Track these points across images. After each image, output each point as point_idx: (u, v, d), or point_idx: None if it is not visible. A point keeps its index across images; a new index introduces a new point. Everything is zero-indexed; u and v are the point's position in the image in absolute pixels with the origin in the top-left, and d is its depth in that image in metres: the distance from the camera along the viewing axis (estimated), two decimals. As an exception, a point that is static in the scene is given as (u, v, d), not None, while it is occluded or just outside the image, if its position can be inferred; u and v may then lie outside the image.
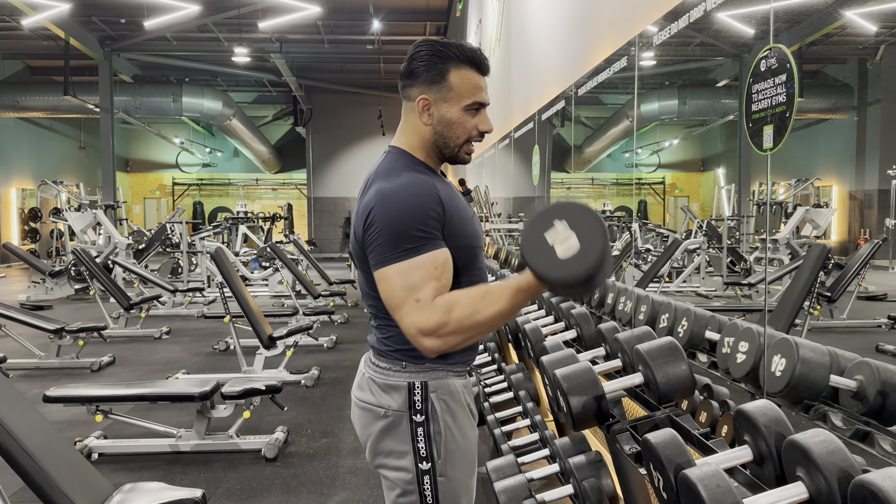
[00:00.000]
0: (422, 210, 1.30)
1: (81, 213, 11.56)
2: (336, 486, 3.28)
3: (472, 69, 1.39)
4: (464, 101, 1.39)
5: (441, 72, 1.38)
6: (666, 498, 1.15)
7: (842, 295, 5.24)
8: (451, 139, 1.41)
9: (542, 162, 5.98)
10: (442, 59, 1.37)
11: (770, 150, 1.82)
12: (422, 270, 1.28)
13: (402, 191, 1.32)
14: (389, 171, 1.39)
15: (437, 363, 1.39)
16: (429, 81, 1.38)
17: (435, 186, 1.35)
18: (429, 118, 1.40)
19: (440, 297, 1.27)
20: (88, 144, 19.18)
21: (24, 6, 10.44)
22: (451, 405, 1.40)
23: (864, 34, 4.40)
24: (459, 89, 1.38)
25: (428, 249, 1.29)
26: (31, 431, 2.09)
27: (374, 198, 1.33)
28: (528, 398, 2.67)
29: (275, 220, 15.50)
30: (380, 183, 1.36)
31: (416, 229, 1.29)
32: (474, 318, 1.26)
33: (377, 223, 1.30)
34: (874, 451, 1.32)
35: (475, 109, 1.41)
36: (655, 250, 9.54)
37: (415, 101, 1.40)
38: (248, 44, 13.80)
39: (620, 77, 3.66)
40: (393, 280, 1.29)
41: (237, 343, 5.22)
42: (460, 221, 1.37)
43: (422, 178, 1.36)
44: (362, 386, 1.46)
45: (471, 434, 1.44)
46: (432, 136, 1.42)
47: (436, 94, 1.39)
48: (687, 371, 1.43)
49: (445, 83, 1.38)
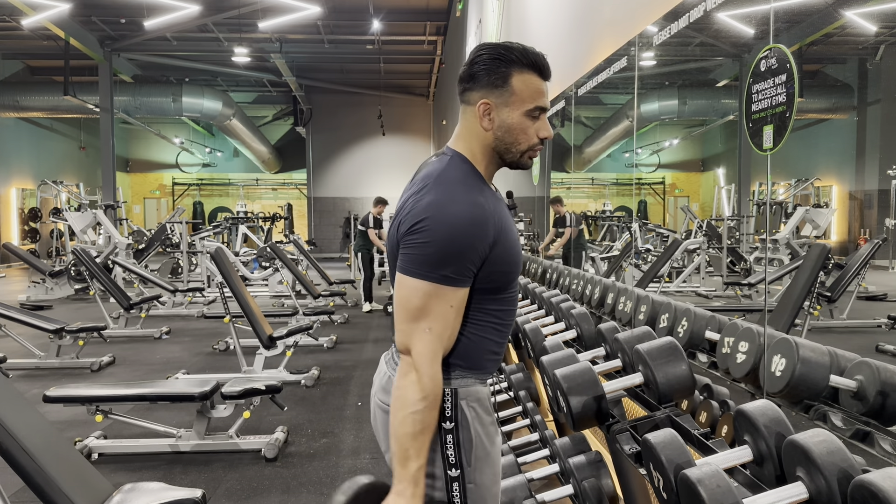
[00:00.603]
0: (470, 245, 1.28)
1: (81, 213, 11.57)
2: (336, 486, 3.27)
3: (534, 73, 1.37)
4: (525, 105, 1.36)
5: (503, 76, 1.34)
6: (666, 498, 1.15)
7: (842, 295, 5.24)
8: (513, 145, 1.39)
9: (542, 162, 5.97)
10: (504, 63, 1.35)
11: (770, 150, 1.82)
12: (443, 304, 1.29)
13: (464, 217, 1.29)
14: (452, 182, 1.35)
15: (466, 371, 1.39)
16: (490, 85, 1.35)
17: (492, 217, 1.32)
18: (489, 123, 1.37)
19: (439, 382, 1.31)
20: (88, 144, 19.18)
21: (24, 6, 10.44)
22: (479, 413, 1.39)
23: (864, 34, 4.39)
24: (521, 93, 1.35)
25: (458, 285, 1.30)
26: (31, 431, 2.09)
27: (431, 207, 1.30)
28: (528, 398, 2.67)
29: (275, 220, 15.51)
30: (439, 192, 1.32)
31: (460, 262, 1.28)
32: (406, 419, 1.28)
33: (426, 233, 1.28)
34: (874, 451, 1.31)
35: (536, 115, 1.38)
36: (655, 250, 9.54)
37: (475, 106, 1.37)
38: (248, 44, 13.80)
39: (620, 77, 3.66)
40: (413, 293, 1.30)
41: (237, 343, 5.22)
42: (510, 248, 1.36)
43: (481, 206, 1.32)
44: (387, 389, 1.42)
45: (497, 441, 1.44)
46: (493, 141, 1.39)
47: (497, 98, 1.35)
48: (687, 371, 1.43)
49: (507, 87, 1.35)
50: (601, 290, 2.95)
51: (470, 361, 1.39)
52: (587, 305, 3.04)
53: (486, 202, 1.34)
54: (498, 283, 1.37)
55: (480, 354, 1.40)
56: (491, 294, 1.37)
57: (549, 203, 6.69)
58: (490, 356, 1.42)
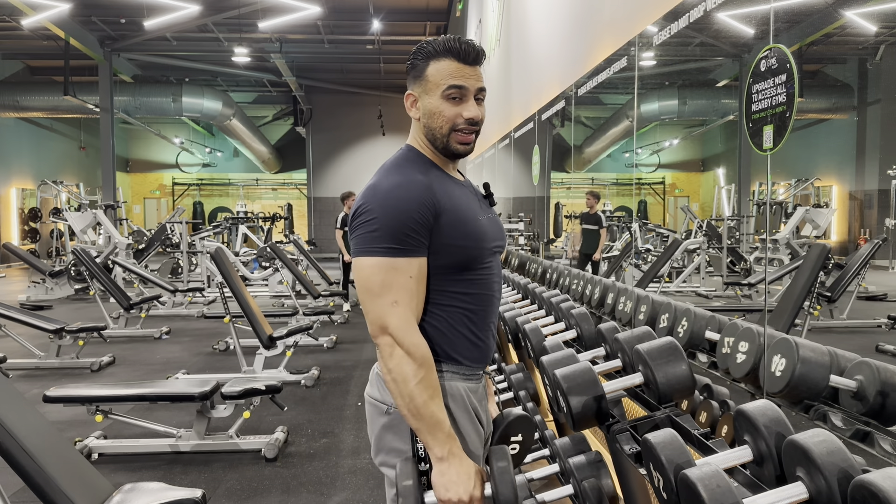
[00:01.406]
0: (408, 214, 1.32)
1: (81, 213, 11.56)
2: (336, 486, 3.27)
3: (450, 58, 1.42)
4: (440, 87, 1.41)
5: (421, 68, 1.43)
6: (666, 498, 1.15)
7: (842, 295, 5.24)
8: (436, 129, 1.43)
9: (542, 162, 5.97)
10: (423, 56, 1.43)
11: (770, 150, 1.82)
12: (401, 275, 1.32)
13: (393, 190, 1.34)
14: (390, 167, 1.43)
15: (447, 365, 1.40)
16: (413, 78, 1.45)
17: (430, 188, 1.36)
18: (416, 112, 1.45)
19: (418, 338, 1.32)
20: (88, 144, 19.18)
21: (24, 6, 10.44)
22: (453, 409, 1.39)
23: (864, 34, 4.39)
24: (435, 78, 1.41)
25: (409, 255, 1.33)
26: (31, 431, 2.09)
27: (366, 191, 1.38)
28: (528, 398, 2.67)
29: (275, 220, 15.50)
30: (377, 177, 1.41)
31: (403, 231, 1.31)
32: (414, 392, 1.29)
33: (366, 213, 1.33)
34: (874, 451, 1.32)
35: (455, 97, 1.41)
36: (655, 250, 9.54)
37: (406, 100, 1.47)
38: (248, 44, 13.80)
39: (620, 77, 3.66)
40: (371, 271, 1.33)
41: (237, 343, 5.22)
42: (459, 222, 1.37)
43: (417, 180, 1.37)
44: (372, 381, 1.49)
45: (473, 438, 1.43)
46: (423, 129, 1.45)
47: (419, 89, 1.44)
48: (687, 371, 1.43)
49: (424, 77, 1.43)
50: (601, 290, 2.95)
51: (443, 352, 1.39)
52: (587, 305, 3.04)
53: (426, 178, 1.38)
54: (456, 259, 1.38)
55: (455, 344, 1.40)
56: (452, 273, 1.39)
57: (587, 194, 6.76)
58: (468, 346, 1.42)
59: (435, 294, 1.38)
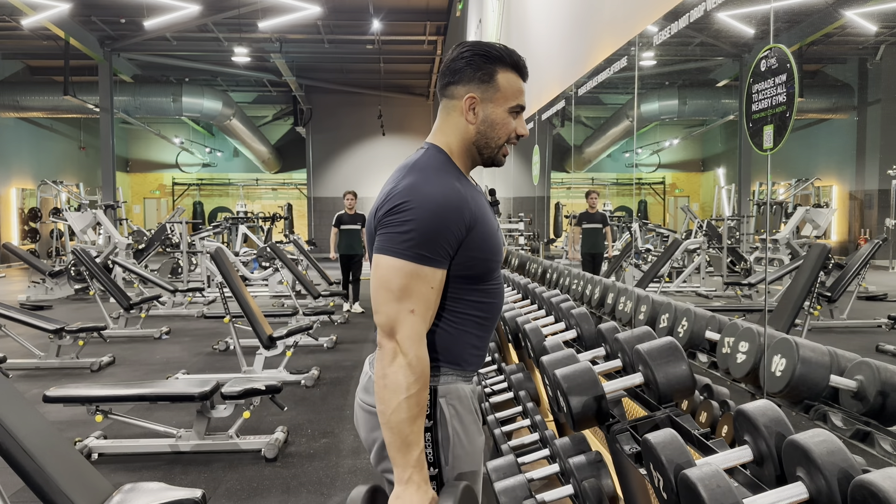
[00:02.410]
0: (446, 225, 1.30)
1: (81, 213, 11.56)
2: (336, 486, 3.27)
3: (516, 73, 1.42)
4: (509, 102, 1.41)
5: (489, 72, 1.39)
6: (666, 498, 1.15)
7: (842, 295, 5.24)
8: (493, 139, 1.42)
9: (542, 162, 5.97)
10: (490, 61, 1.40)
11: (770, 150, 1.82)
12: (424, 284, 1.29)
13: (440, 197, 1.31)
14: (428, 168, 1.38)
15: (447, 367, 1.39)
16: (477, 81, 1.40)
17: (468, 201, 1.34)
18: (473, 117, 1.41)
19: (427, 362, 1.29)
20: (88, 144, 19.18)
21: (24, 6, 10.44)
22: (459, 410, 1.39)
23: (864, 34, 4.39)
24: (506, 91, 1.40)
25: (436, 266, 1.30)
26: (31, 431, 2.09)
27: (408, 190, 1.32)
28: (528, 398, 2.67)
29: (275, 220, 15.50)
30: (416, 176, 1.35)
31: (437, 242, 1.29)
32: (402, 405, 1.26)
33: (405, 213, 1.29)
34: (874, 451, 1.31)
35: (516, 112, 1.43)
36: (655, 250, 9.55)
37: (460, 100, 1.41)
38: (248, 44, 13.80)
39: (620, 77, 3.66)
40: (394, 273, 1.29)
41: (237, 343, 5.21)
42: (487, 235, 1.38)
43: (457, 189, 1.34)
44: (368, 388, 1.45)
45: (477, 440, 1.44)
46: (475, 135, 1.42)
47: (483, 93, 1.40)
48: (687, 371, 1.43)
49: (493, 84, 1.40)
50: (601, 290, 2.95)
51: (450, 356, 1.39)
52: (587, 305, 3.04)
53: (462, 188, 1.37)
54: (477, 271, 1.38)
55: (461, 349, 1.40)
56: (470, 283, 1.38)
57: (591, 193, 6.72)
58: (472, 351, 1.42)
59: (451, 301, 1.37)
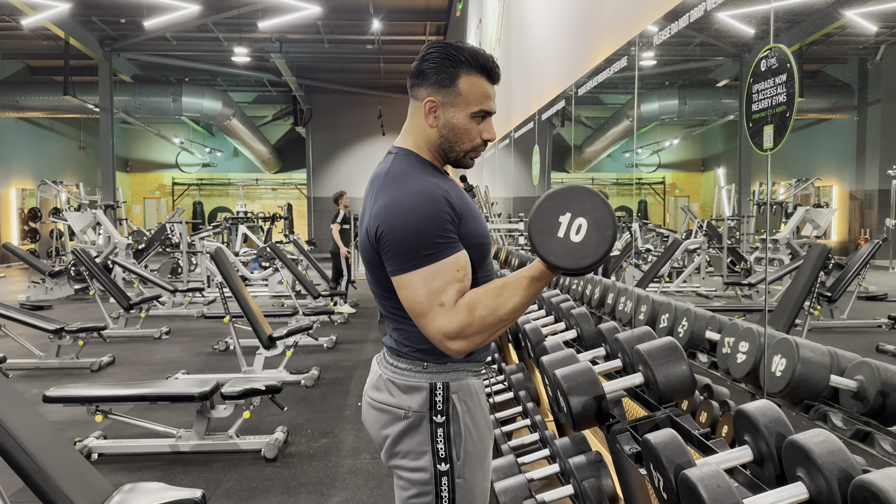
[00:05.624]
0: (438, 216, 1.30)
1: (81, 213, 11.56)
2: (336, 486, 3.27)
3: (482, 76, 1.38)
4: (471, 107, 1.38)
5: (451, 76, 1.36)
6: (666, 498, 1.14)
7: (842, 295, 5.24)
8: (457, 144, 1.41)
9: (542, 162, 5.97)
10: (453, 64, 1.36)
11: (770, 150, 1.82)
12: (445, 275, 1.28)
13: (417, 199, 1.31)
14: (400, 176, 1.37)
15: (458, 363, 1.40)
16: (438, 84, 1.37)
17: (445, 189, 1.35)
18: (434, 121, 1.39)
19: (461, 299, 1.29)
20: (88, 144, 19.18)
21: (24, 6, 10.44)
22: (471, 406, 1.40)
23: (864, 34, 4.39)
24: (468, 95, 1.37)
25: (449, 254, 1.30)
26: (31, 431, 2.09)
27: (387, 208, 1.32)
28: (528, 398, 2.67)
29: (275, 220, 15.50)
30: (391, 191, 1.34)
31: (436, 235, 1.29)
32: (496, 314, 1.27)
33: (395, 231, 1.29)
34: (874, 451, 1.31)
35: (481, 117, 1.40)
36: (655, 250, 9.54)
37: (422, 102, 1.40)
38: (248, 44, 13.80)
39: (620, 77, 3.66)
40: (416, 286, 1.29)
41: (237, 343, 5.21)
42: (471, 221, 1.38)
43: (433, 183, 1.35)
44: (379, 387, 1.45)
45: (487, 436, 1.45)
46: (438, 139, 1.41)
47: (444, 97, 1.38)
48: (687, 371, 1.43)
49: (454, 88, 1.37)
50: (601, 290, 2.95)
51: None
52: (587, 305, 3.04)
53: (439, 181, 1.37)
54: (474, 260, 1.37)
55: None
56: (473, 272, 1.37)
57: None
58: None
59: None
